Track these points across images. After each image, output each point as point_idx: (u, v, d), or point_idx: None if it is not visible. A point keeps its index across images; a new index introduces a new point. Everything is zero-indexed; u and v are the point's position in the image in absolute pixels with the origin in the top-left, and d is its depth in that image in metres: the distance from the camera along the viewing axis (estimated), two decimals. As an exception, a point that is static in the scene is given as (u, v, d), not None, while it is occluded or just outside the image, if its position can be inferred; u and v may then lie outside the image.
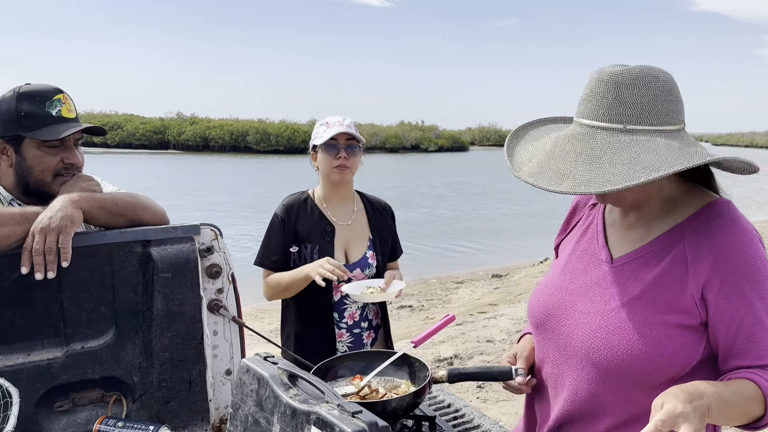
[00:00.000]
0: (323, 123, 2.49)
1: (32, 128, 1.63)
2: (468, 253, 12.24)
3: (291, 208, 2.49)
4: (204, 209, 17.40)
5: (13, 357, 1.45)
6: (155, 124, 62.52)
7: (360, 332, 2.50)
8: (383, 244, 2.56)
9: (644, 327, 1.27)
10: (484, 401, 4.52)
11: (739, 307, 1.23)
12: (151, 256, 1.57)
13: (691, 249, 1.28)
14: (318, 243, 2.43)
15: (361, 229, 2.53)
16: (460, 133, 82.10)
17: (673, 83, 1.28)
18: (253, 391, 1.30)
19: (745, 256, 1.24)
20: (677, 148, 1.21)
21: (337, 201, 2.52)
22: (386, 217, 2.63)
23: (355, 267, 2.47)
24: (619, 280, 1.35)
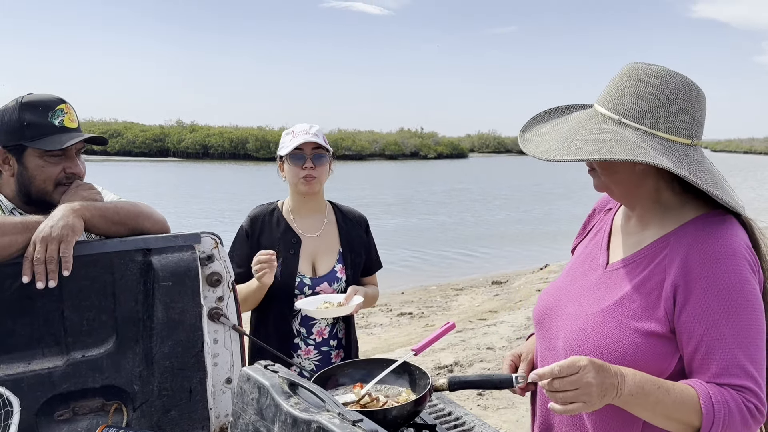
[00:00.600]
0: (289, 132, 2.42)
1: (35, 138, 1.64)
2: (467, 260, 12.23)
3: (256, 219, 2.43)
4: (202, 216, 17.40)
5: (13, 366, 1.45)
6: (155, 131, 62.60)
7: (328, 350, 2.40)
8: (354, 257, 2.46)
9: (618, 332, 1.28)
10: (485, 409, 4.51)
11: (701, 322, 1.22)
12: (151, 264, 1.57)
13: (670, 258, 1.28)
14: (282, 255, 2.34)
15: (330, 242, 2.43)
16: (460, 140, 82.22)
17: (689, 95, 1.27)
18: (253, 400, 1.30)
19: (716, 273, 1.22)
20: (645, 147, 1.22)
21: (305, 212, 2.44)
22: (359, 230, 2.53)
23: (323, 281, 2.37)
24: (607, 284, 1.37)
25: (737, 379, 1.21)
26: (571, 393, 1.15)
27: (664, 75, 1.28)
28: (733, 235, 1.26)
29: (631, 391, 1.18)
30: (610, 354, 1.27)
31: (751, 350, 1.22)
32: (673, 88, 1.26)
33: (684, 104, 1.27)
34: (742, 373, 1.21)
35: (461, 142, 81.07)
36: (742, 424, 1.21)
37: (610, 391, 1.16)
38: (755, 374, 1.22)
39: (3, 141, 1.65)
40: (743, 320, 1.21)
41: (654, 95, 1.26)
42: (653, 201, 1.35)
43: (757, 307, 1.23)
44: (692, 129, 1.29)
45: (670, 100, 1.26)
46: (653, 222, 1.36)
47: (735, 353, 1.21)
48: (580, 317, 1.36)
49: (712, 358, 1.22)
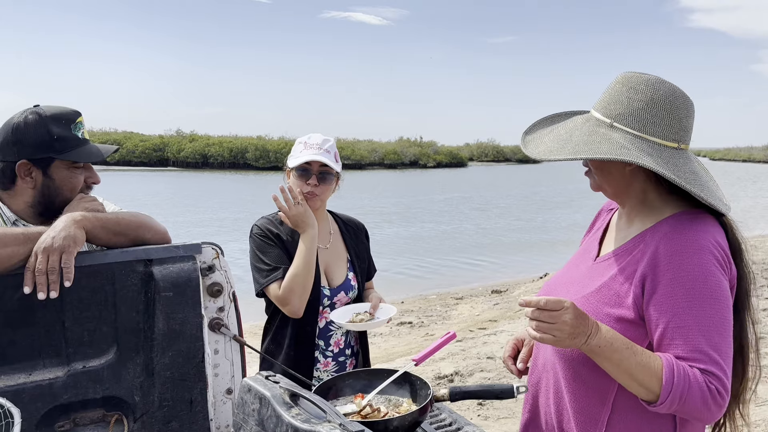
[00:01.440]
0: (302, 141, 2.35)
1: (64, 150, 1.68)
2: (467, 269, 12.22)
3: (269, 229, 2.32)
4: (203, 226, 17.39)
5: (14, 377, 1.45)
6: (155, 141, 62.63)
7: (344, 360, 2.39)
8: (361, 264, 2.47)
9: (596, 315, 1.38)
10: (486, 419, 4.50)
11: (666, 311, 1.32)
12: (152, 275, 1.58)
13: (643, 251, 1.39)
14: None
15: (339, 252, 2.44)
16: (459, 149, 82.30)
17: (676, 102, 1.38)
18: (254, 411, 1.30)
19: (681, 265, 1.31)
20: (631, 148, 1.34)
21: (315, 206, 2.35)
22: (361, 236, 2.54)
23: (339, 290, 2.35)
24: (593, 275, 1.50)
25: (701, 364, 1.28)
26: (547, 325, 1.28)
27: (653, 83, 1.38)
28: (703, 232, 1.34)
29: (599, 343, 1.29)
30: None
31: (714, 338, 1.30)
32: (661, 95, 1.37)
33: (671, 110, 1.37)
34: (706, 359, 1.28)
35: (460, 151, 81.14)
36: (702, 401, 1.27)
37: (580, 337, 1.28)
38: (719, 360, 1.29)
39: (29, 154, 1.66)
40: (706, 310, 1.29)
41: (643, 101, 1.37)
42: (640, 200, 1.46)
43: (720, 299, 1.31)
44: (678, 134, 1.39)
45: (658, 106, 1.37)
46: (637, 219, 1.47)
47: (698, 341, 1.29)
48: None
49: (677, 344, 1.30)
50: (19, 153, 1.66)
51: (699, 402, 1.28)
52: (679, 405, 1.28)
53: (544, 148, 1.45)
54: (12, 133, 1.67)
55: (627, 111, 1.38)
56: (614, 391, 1.41)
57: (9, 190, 1.70)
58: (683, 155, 1.40)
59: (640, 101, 1.38)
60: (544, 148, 1.45)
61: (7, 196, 1.71)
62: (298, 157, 2.31)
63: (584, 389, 1.45)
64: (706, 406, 1.28)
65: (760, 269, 10.35)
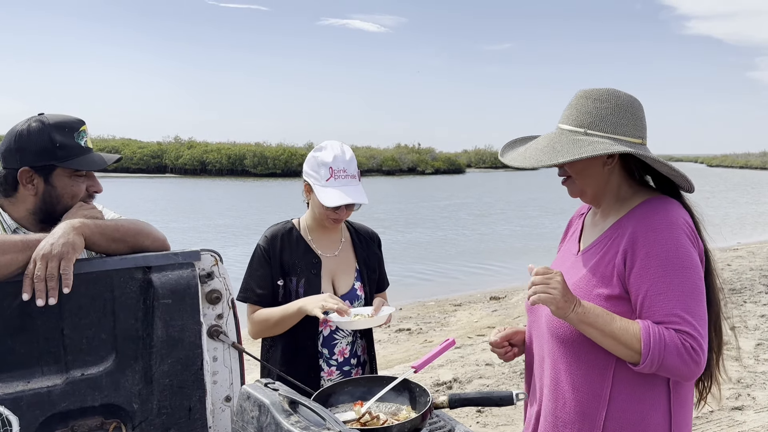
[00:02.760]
0: (326, 164, 2.27)
1: (66, 158, 1.69)
2: (465, 276, 12.21)
3: (275, 238, 2.35)
4: (201, 232, 17.38)
5: (13, 384, 1.44)
6: (153, 148, 62.63)
7: (349, 369, 2.38)
8: (370, 274, 2.45)
9: (585, 298, 1.54)
10: (484, 426, 4.49)
11: (644, 280, 1.49)
12: (151, 282, 1.58)
13: (622, 234, 1.56)
14: (304, 276, 2.31)
15: (348, 260, 2.42)
16: (457, 156, 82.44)
17: (635, 105, 1.60)
18: (253, 418, 1.30)
19: (656, 240, 1.49)
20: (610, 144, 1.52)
21: (323, 233, 2.41)
22: (373, 246, 2.52)
23: (344, 299, 2.32)
24: (577, 266, 1.67)
25: (676, 325, 1.45)
26: (542, 286, 1.50)
27: (613, 92, 1.60)
28: (672, 211, 1.54)
29: (584, 311, 1.49)
30: None
31: (689, 303, 1.47)
32: (623, 101, 1.58)
33: (632, 113, 1.59)
34: (680, 320, 1.45)
35: (458, 157, 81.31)
36: (679, 357, 1.44)
37: (569, 303, 1.49)
38: (693, 322, 1.45)
39: (31, 161, 1.67)
40: (679, 278, 1.47)
41: (609, 108, 1.57)
42: (615, 196, 1.65)
43: (691, 268, 1.49)
44: (641, 131, 1.60)
45: (622, 110, 1.57)
46: (612, 212, 1.66)
47: (673, 305, 1.46)
48: None
49: (654, 310, 1.47)
50: (21, 160, 1.67)
51: (677, 359, 1.43)
52: (659, 363, 1.44)
53: (533, 160, 1.60)
54: (15, 140, 1.68)
55: (597, 119, 1.57)
56: (613, 365, 1.55)
57: (11, 197, 1.71)
58: (647, 149, 1.60)
59: (606, 109, 1.57)
60: (533, 160, 1.60)
61: (8, 204, 1.72)
62: (327, 189, 2.24)
63: (584, 367, 1.59)
64: (684, 362, 1.43)
65: (758, 276, 10.36)
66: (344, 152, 2.32)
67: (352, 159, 2.32)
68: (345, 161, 2.29)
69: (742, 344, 6.40)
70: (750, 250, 13.78)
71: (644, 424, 1.55)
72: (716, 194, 36.11)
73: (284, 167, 59.13)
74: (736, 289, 9.23)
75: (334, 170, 2.26)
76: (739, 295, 8.86)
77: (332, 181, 2.25)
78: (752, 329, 6.98)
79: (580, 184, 1.64)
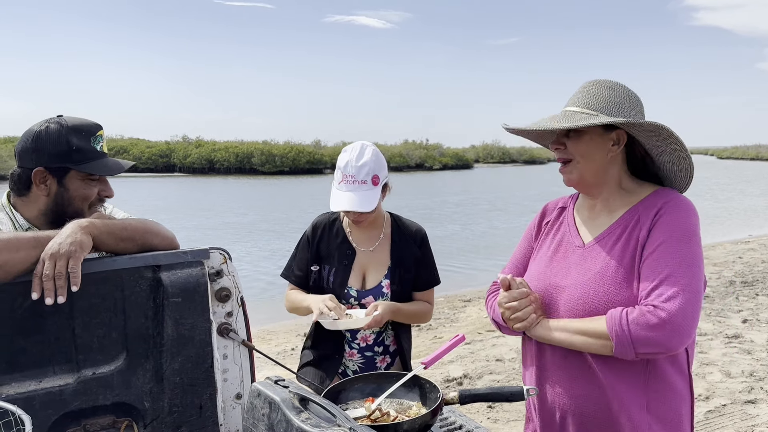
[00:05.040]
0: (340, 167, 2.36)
1: (81, 162, 1.71)
2: (474, 271, 12.19)
3: (317, 227, 2.52)
4: (207, 230, 17.44)
5: (25, 384, 1.45)
6: (161, 147, 62.86)
7: (373, 356, 2.48)
8: (404, 273, 2.46)
9: (617, 290, 1.55)
10: (495, 421, 4.48)
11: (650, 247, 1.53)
12: (161, 281, 1.58)
13: (643, 219, 1.59)
14: (336, 266, 2.43)
15: (382, 257, 2.47)
16: (464, 151, 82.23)
17: (639, 101, 1.67)
18: (264, 416, 1.30)
19: (676, 217, 1.54)
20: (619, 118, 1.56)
21: (364, 227, 2.47)
22: (412, 245, 2.51)
23: (368, 294, 2.42)
24: (588, 258, 1.66)
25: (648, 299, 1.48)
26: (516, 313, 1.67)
27: (623, 85, 1.67)
28: (688, 200, 1.62)
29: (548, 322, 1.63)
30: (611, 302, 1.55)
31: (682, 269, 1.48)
32: (631, 94, 1.65)
33: (640, 108, 1.66)
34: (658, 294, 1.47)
35: (466, 153, 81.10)
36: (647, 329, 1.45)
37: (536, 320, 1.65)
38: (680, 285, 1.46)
39: (46, 162, 1.69)
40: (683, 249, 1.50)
41: (621, 97, 1.62)
42: (617, 186, 1.68)
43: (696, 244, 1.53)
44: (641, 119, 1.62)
45: (631, 102, 1.63)
46: (618, 202, 1.68)
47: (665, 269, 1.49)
48: (575, 287, 1.63)
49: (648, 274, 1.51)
50: (37, 160, 1.69)
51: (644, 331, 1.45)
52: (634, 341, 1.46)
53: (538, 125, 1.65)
54: (32, 140, 1.70)
55: (609, 104, 1.61)
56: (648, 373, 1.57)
57: (24, 197, 1.73)
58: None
59: (618, 96, 1.62)
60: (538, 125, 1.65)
61: (21, 203, 1.73)
62: (334, 191, 2.35)
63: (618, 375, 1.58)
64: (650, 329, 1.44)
65: (770, 268, 10.28)
66: (360, 156, 2.35)
67: (366, 164, 2.33)
68: (356, 167, 2.32)
69: (755, 337, 6.35)
70: (762, 242, 13.68)
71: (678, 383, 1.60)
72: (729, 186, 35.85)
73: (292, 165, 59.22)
74: (748, 282, 9.17)
75: (345, 175, 2.33)
76: (751, 287, 8.80)
77: (341, 185, 2.33)
78: (764, 322, 6.93)
79: (581, 167, 1.65)
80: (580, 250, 1.70)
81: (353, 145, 2.41)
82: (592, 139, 1.61)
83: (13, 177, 1.74)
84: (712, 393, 4.89)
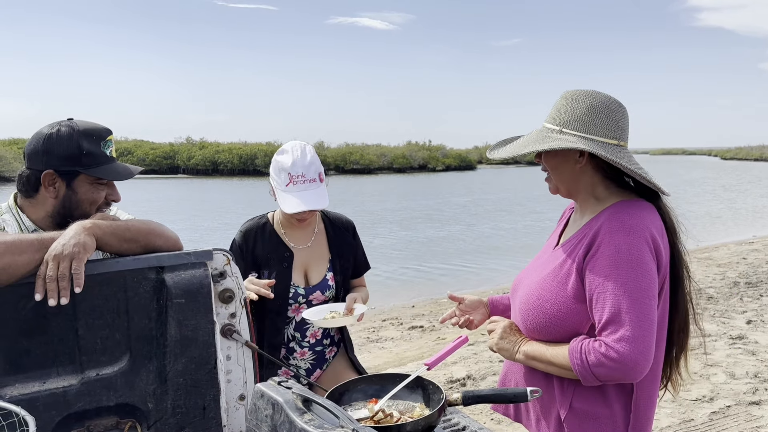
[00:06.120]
0: (284, 169, 2.33)
1: (91, 166, 1.72)
2: (478, 272, 12.18)
3: (249, 234, 2.47)
4: (214, 231, 17.46)
5: (29, 385, 1.46)
6: (165, 149, 63.00)
7: (322, 349, 2.53)
8: (344, 263, 2.54)
9: (549, 293, 1.66)
10: (499, 422, 4.48)
11: (595, 278, 1.57)
12: (164, 282, 1.58)
13: (588, 233, 1.64)
14: (275, 269, 2.42)
15: (321, 251, 2.51)
16: (467, 152, 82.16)
17: (611, 107, 1.66)
18: (267, 417, 1.30)
19: (612, 241, 1.56)
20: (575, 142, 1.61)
21: (296, 225, 2.49)
22: (347, 236, 2.59)
23: (315, 289, 2.46)
24: (551, 260, 1.75)
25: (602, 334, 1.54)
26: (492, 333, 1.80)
27: (591, 94, 1.68)
28: (638, 215, 1.58)
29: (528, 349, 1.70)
30: (544, 312, 1.66)
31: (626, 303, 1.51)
32: (599, 102, 1.65)
33: (607, 114, 1.64)
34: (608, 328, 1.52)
35: (469, 154, 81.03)
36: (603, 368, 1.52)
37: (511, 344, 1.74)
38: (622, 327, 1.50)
39: (56, 165, 1.70)
40: (623, 277, 1.52)
41: (584, 109, 1.65)
42: (590, 194, 1.72)
43: (639, 270, 1.53)
44: (617, 132, 1.65)
45: (596, 111, 1.64)
46: (588, 211, 1.73)
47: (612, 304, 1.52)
48: (528, 286, 1.76)
49: (597, 308, 1.56)
50: (47, 163, 1.70)
51: (603, 369, 1.52)
52: (594, 377, 1.54)
53: (506, 154, 1.75)
54: (43, 143, 1.71)
55: (572, 118, 1.65)
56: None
57: (31, 198, 1.74)
58: (623, 150, 1.66)
59: (581, 109, 1.65)
60: (506, 154, 1.75)
61: (28, 205, 1.74)
62: (285, 195, 2.31)
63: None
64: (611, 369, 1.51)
65: (774, 269, 10.25)
66: (304, 155, 2.34)
67: (313, 161, 2.34)
68: (304, 165, 2.32)
69: (759, 338, 6.33)
70: (766, 243, 13.63)
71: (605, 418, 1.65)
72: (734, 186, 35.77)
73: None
74: (752, 283, 9.14)
75: (293, 176, 2.31)
76: (755, 288, 8.77)
77: (291, 187, 2.31)
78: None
79: (555, 179, 1.74)
80: (551, 251, 1.81)
81: (291, 145, 2.39)
82: (558, 154, 1.69)
83: (21, 178, 1.75)
84: (716, 394, 4.87)
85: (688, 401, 4.75)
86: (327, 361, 2.55)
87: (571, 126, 1.65)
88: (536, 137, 1.70)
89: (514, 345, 1.73)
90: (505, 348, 1.75)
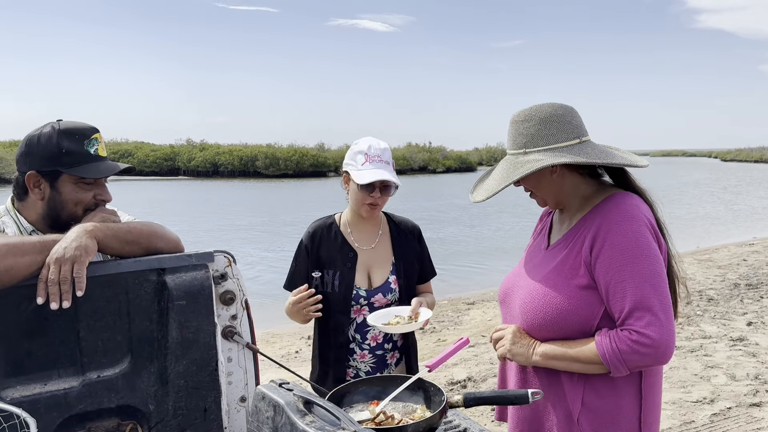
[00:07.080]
0: (361, 151, 2.42)
1: (72, 165, 1.69)
2: (478, 274, 12.17)
3: (315, 234, 2.51)
4: (214, 233, 17.46)
5: (30, 387, 1.46)
6: (165, 151, 63.02)
7: (383, 353, 2.50)
8: (407, 267, 2.53)
9: (555, 290, 1.68)
10: (499, 424, 4.47)
11: (608, 270, 1.60)
12: (166, 284, 1.58)
13: (587, 228, 1.68)
14: (339, 269, 2.44)
15: (384, 253, 2.51)
16: (468, 154, 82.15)
17: (557, 113, 1.72)
18: (268, 419, 1.30)
19: (618, 232, 1.60)
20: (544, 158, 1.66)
21: (362, 226, 2.52)
22: (412, 240, 2.59)
23: (377, 292, 2.45)
24: (547, 260, 1.78)
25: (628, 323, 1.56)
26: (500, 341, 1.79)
27: (535, 108, 1.74)
28: (634, 206, 1.65)
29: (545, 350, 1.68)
30: (553, 306, 1.67)
31: (646, 290, 1.56)
32: (545, 113, 1.72)
33: (558, 119, 1.71)
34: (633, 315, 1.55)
35: (469, 155, 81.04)
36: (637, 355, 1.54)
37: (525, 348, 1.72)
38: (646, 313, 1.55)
39: (38, 165, 1.68)
40: (639, 265, 1.57)
41: (535, 125, 1.71)
42: (576, 195, 1.78)
43: (651, 257, 1.59)
44: (574, 131, 1.71)
45: (547, 122, 1.71)
46: (577, 210, 1.78)
47: (633, 293, 1.56)
48: (529, 286, 1.77)
49: (617, 299, 1.58)
50: (29, 164, 1.69)
51: (636, 357, 1.55)
52: (626, 366, 1.57)
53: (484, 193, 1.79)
54: (26, 144, 1.71)
55: (529, 137, 1.71)
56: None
57: (23, 201, 1.73)
58: (588, 144, 1.72)
59: (534, 126, 1.71)
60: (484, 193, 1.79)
61: (23, 207, 1.74)
62: (362, 171, 2.38)
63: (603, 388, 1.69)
64: (643, 356, 1.54)
65: (775, 271, 10.24)
66: (378, 142, 2.46)
67: (386, 150, 2.45)
68: (379, 149, 2.42)
69: (759, 340, 6.33)
70: (766, 244, 13.63)
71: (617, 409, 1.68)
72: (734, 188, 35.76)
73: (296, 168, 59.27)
74: (753, 285, 9.13)
75: (369, 155, 2.40)
76: (755, 290, 8.76)
77: (367, 165, 2.38)
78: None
79: (541, 195, 1.81)
80: (543, 252, 1.84)
81: (364, 137, 2.48)
82: (533, 174, 1.72)
83: (13, 182, 1.75)
84: (717, 396, 4.87)
85: (689, 403, 4.75)
86: (388, 366, 2.51)
87: (532, 144, 1.70)
88: (506, 168, 1.75)
89: (528, 348, 1.72)
90: (520, 353, 1.73)
